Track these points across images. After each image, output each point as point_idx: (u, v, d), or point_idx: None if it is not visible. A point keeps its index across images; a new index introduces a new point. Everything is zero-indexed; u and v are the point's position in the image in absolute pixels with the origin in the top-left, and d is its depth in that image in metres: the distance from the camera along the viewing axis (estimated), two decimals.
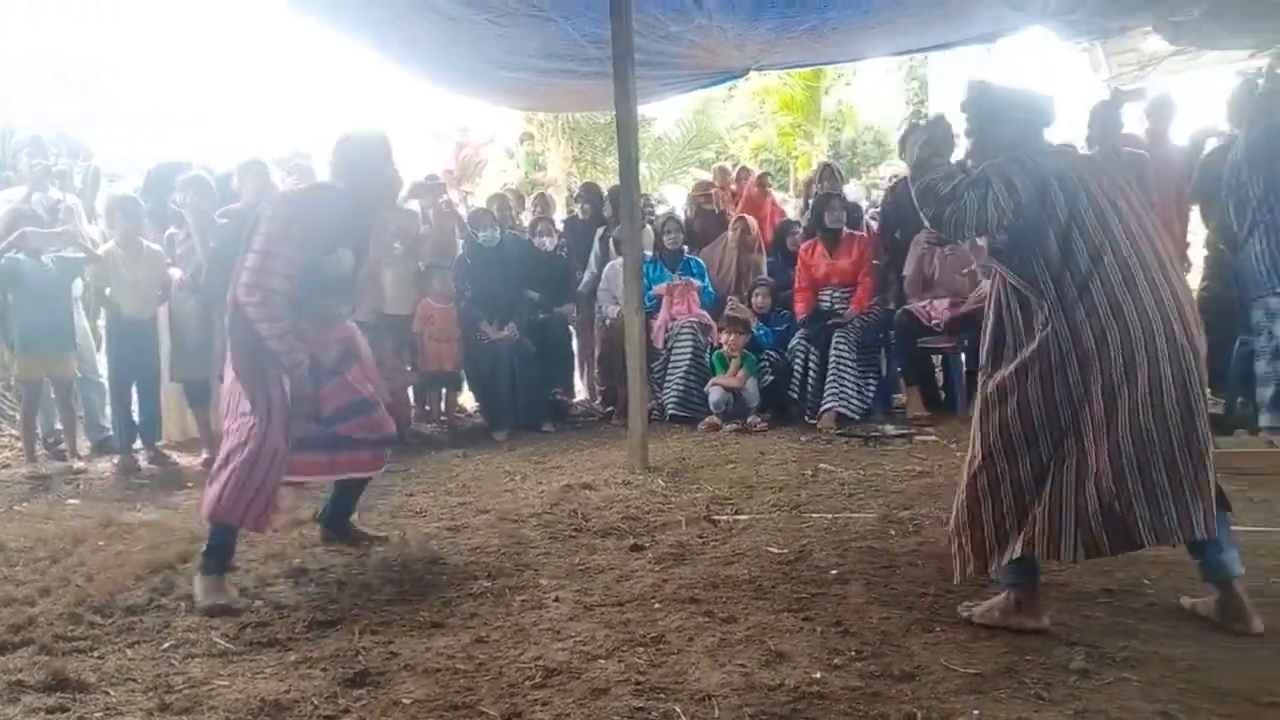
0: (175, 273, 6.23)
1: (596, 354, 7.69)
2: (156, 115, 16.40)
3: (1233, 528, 2.91)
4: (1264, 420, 5.12)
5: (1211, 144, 6.37)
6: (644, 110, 13.82)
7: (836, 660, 2.70)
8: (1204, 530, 2.66)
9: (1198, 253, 6.58)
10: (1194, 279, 6.70)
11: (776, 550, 3.78)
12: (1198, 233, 6.57)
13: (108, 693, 2.71)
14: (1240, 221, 5.09)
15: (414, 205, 7.27)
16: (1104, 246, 2.72)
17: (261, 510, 3.40)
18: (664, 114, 17.62)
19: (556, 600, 3.33)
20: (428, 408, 7.40)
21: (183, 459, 6.38)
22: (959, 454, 3.01)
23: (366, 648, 2.97)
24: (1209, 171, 5.76)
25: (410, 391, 7.18)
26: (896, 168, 11.34)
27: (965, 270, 6.45)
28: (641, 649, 2.85)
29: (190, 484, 5.62)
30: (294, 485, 4.14)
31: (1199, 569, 2.84)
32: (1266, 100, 5.14)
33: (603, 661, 2.78)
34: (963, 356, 6.67)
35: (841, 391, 6.43)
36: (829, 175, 7.91)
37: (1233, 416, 5.49)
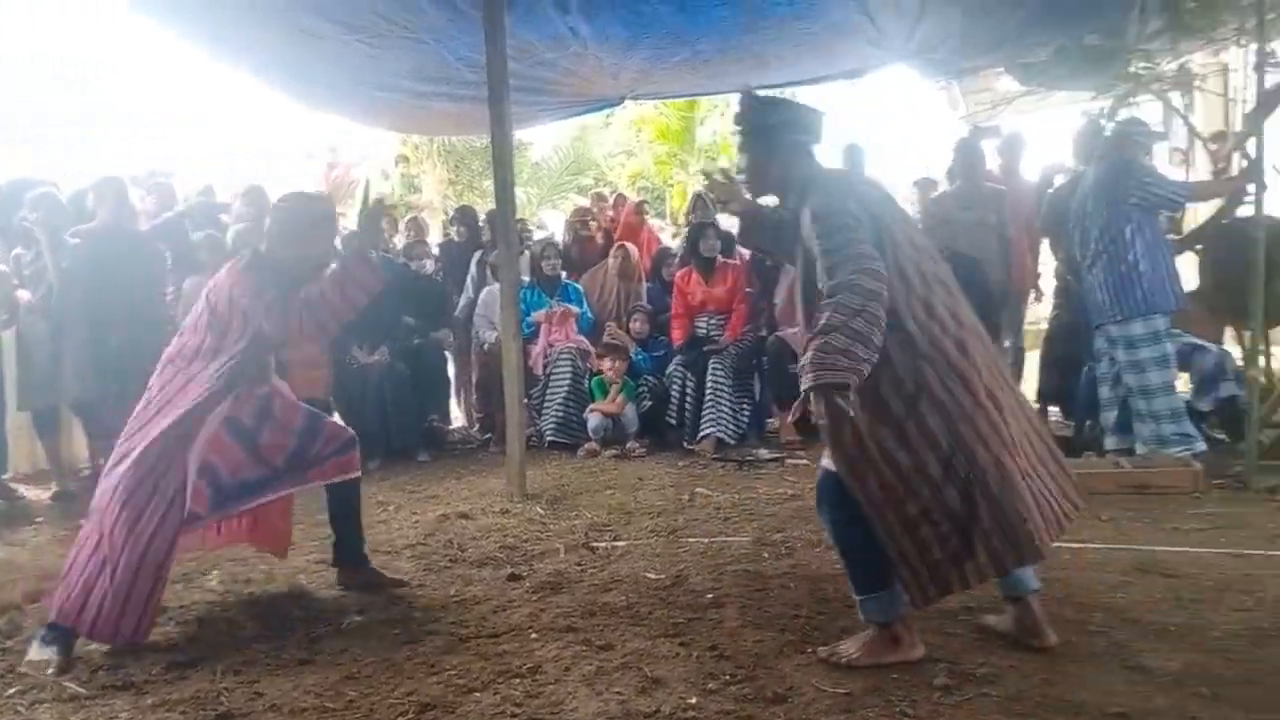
0: (23, 295, 5.90)
1: (474, 380, 7.61)
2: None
3: (1075, 545, 3.07)
4: (1109, 443, 5.38)
5: (1059, 180, 6.73)
6: (521, 135, 13.80)
7: (711, 685, 2.73)
8: (1077, 502, 2.84)
9: (1049, 283, 6.94)
10: (1045, 308, 7.07)
11: (654, 576, 3.81)
12: (1048, 263, 6.93)
13: None
14: (1084, 252, 5.32)
15: None
16: (922, 264, 2.74)
17: (150, 621, 3.12)
18: (541, 139, 17.68)
19: (431, 633, 3.27)
20: None
21: (31, 492, 6.03)
22: None
23: (229, 688, 2.85)
24: (1057, 205, 6.04)
25: None
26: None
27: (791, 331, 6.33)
28: (518, 680, 2.83)
29: (40, 518, 5.33)
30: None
31: (998, 586, 2.90)
32: (1113, 139, 5.43)
33: (478, 694, 2.75)
34: None
35: (719, 417, 6.53)
36: (702, 205, 8.03)
37: (1081, 439, 5.77)
